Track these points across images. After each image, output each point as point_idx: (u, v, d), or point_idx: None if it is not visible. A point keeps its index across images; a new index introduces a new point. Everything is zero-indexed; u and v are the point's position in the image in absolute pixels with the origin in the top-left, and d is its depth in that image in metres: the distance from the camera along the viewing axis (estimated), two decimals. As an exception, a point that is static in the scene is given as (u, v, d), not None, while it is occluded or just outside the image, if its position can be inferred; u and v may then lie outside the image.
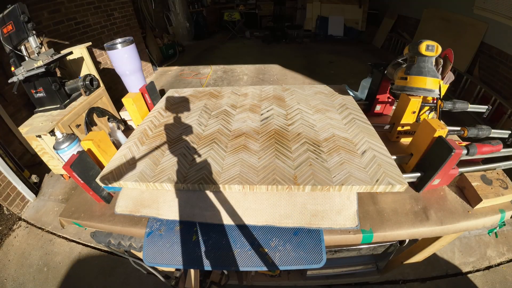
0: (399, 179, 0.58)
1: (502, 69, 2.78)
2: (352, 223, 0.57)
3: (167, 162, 0.68)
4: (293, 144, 0.71)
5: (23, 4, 1.50)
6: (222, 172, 0.64)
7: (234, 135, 0.77)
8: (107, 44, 2.50)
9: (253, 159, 0.67)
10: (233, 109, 0.91)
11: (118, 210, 0.66)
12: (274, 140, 0.73)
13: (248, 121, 0.83)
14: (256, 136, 0.75)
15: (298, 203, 0.61)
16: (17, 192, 2.02)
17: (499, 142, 0.64)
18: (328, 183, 0.58)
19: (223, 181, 0.61)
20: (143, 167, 0.67)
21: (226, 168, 0.64)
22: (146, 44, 4.41)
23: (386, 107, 0.95)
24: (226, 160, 0.67)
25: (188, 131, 0.81)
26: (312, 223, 0.58)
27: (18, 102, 2.32)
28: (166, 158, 0.70)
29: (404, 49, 0.79)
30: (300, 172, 0.62)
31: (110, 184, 0.64)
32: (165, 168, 0.66)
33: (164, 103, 0.98)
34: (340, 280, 1.38)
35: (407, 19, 4.70)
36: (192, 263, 0.59)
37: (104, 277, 1.60)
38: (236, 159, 0.67)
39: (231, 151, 0.70)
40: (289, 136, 0.75)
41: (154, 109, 0.94)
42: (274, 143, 0.72)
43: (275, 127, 0.79)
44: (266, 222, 0.60)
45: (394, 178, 0.59)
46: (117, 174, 0.65)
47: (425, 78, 0.69)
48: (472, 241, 1.64)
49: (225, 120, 0.85)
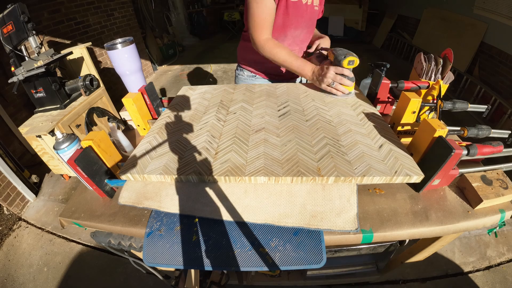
0: (416, 170, 0.61)
1: (502, 69, 2.78)
2: (352, 226, 0.57)
3: (190, 156, 0.69)
4: (312, 138, 0.73)
5: (23, 4, 1.50)
6: (247, 165, 0.65)
7: (254, 130, 0.78)
8: (107, 44, 2.49)
9: (276, 153, 0.68)
10: (249, 105, 0.92)
11: (122, 201, 0.67)
12: (294, 134, 0.75)
13: (266, 116, 0.85)
14: (276, 131, 0.77)
15: (298, 203, 0.62)
16: (17, 192, 2.02)
17: (500, 143, 0.64)
18: (351, 174, 0.60)
19: (249, 173, 0.62)
20: (166, 161, 0.68)
21: (250, 161, 0.66)
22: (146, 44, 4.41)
23: (387, 107, 0.95)
24: (249, 153, 0.69)
25: (207, 126, 0.82)
26: (311, 224, 0.58)
27: (18, 102, 2.32)
28: (188, 152, 0.71)
29: (329, 52, 0.96)
30: (322, 164, 0.64)
31: (134, 178, 0.66)
32: (189, 162, 0.67)
33: (179, 100, 0.99)
34: (340, 280, 1.38)
35: (407, 19, 4.70)
36: (192, 263, 0.59)
37: (104, 277, 1.60)
38: (259, 153, 0.68)
39: (253, 145, 0.72)
40: (308, 131, 0.77)
41: (170, 105, 0.96)
42: (294, 138, 0.74)
43: (293, 122, 0.81)
44: (265, 221, 0.60)
45: (411, 169, 0.61)
46: (141, 167, 0.67)
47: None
48: (472, 241, 1.64)
49: (243, 115, 0.86)
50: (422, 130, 0.65)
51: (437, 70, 0.87)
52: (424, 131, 0.64)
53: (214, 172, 0.64)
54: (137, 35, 4.09)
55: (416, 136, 0.68)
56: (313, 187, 0.64)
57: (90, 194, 0.75)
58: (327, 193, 0.63)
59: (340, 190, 0.63)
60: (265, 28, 0.99)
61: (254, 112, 0.88)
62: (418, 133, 0.67)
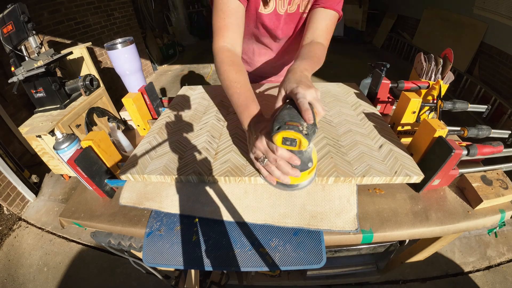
0: (416, 170, 0.61)
1: (502, 69, 2.78)
2: (352, 227, 0.57)
3: (190, 156, 0.69)
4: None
5: (23, 4, 1.50)
6: (247, 165, 0.65)
7: None
8: (107, 44, 2.49)
9: None
10: None
11: (123, 201, 0.67)
12: None
13: (266, 116, 0.84)
14: None
15: (298, 203, 0.62)
16: (17, 192, 2.02)
17: (500, 143, 0.64)
18: (351, 174, 0.60)
19: (249, 173, 0.62)
20: (166, 161, 0.68)
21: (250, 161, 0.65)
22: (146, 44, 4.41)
23: (387, 107, 0.95)
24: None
25: (207, 126, 0.82)
26: (311, 224, 0.58)
27: (18, 102, 2.32)
28: (188, 152, 0.71)
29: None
30: (322, 164, 0.63)
31: (134, 178, 0.66)
32: (189, 162, 0.67)
33: (179, 100, 0.99)
34: (340, 280, 1.38)
35: (407, 19, 4.70)
36: (192, 263, 0.59)
37: (104, 277, 1.60)
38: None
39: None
40: None
41: (170, 105, 0.96)
42: None
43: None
44: (265, 221, 0.60)
45: (411, 170, 0.61)
46: (140, 167, 0.67)
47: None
48: (472, 241, 1.64)
49: None
50: (422, 130, 0.65)
51: (437, 70, 0.87)
52: (424, 131, 0.64)
53: (214, 172, 0.64)
54: (137, 35, 4.09)
55: (416, 136, 0.68)
56: (313, 188, 0.64)
57: (90, 194, 0.75)
58: (327, 193, 0.62)
59: (340, 191, 0.63)
60: (222, 34, 0.74)
61: None
62: (418, 133, 0.67)
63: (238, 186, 0.66)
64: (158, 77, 4.40)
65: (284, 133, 0.45)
